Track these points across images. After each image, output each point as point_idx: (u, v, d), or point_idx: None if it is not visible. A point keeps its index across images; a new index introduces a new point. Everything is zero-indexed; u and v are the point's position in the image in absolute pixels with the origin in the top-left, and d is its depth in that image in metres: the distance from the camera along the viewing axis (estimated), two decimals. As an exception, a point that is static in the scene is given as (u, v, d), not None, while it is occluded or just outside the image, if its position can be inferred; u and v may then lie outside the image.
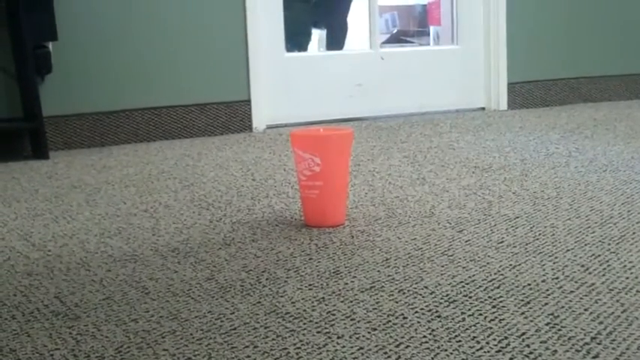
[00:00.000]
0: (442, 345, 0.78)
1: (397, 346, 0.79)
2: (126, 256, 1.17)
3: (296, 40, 4.86)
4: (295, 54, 3.92)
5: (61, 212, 1.52)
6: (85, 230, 1.36)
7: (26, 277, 1.08)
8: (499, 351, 0.76)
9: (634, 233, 1.19)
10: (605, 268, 1.02)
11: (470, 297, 0.92)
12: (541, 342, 0.78)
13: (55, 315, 0.92)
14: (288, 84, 3.01)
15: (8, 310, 0.94)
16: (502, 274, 1.00)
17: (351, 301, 0.92)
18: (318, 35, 5.03)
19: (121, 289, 1.00)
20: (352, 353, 0.77)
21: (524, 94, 3.36)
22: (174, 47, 2.69)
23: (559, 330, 0.81)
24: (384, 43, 5.48)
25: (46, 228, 1.39)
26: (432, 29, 5.34)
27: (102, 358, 0.79)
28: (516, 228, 1.24)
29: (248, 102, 2.82)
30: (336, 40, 4.48)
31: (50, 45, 2.45)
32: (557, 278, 0.98)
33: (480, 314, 0.86)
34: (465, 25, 3.34)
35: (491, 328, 0.82)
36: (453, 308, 0.89)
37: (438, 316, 0.86)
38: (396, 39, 5.81)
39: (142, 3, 2.62)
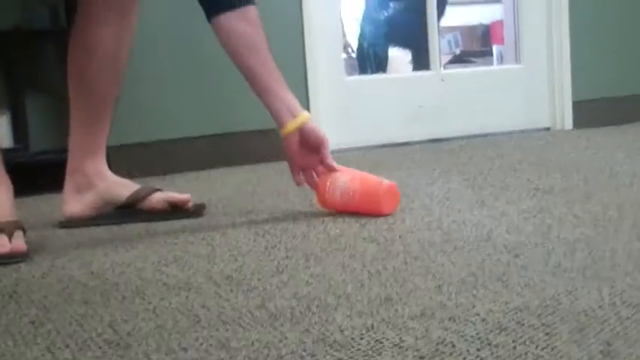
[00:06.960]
0: (490, 374, 0.77)
1: (444, 375, 0.77)
2: (180, 284, 1.18)
3: (370, 61, 4.64)
4: (355, 77, 3.92)
5: (122, 241, 1.54)
6: (143, 258, 1.38)
7: (82, 305, 1.10)
8: (549, 381, 0.74)
9: (699, 256, 1.15)
10: (665, 293, 0.98)
11: (522, 324, 0.90)
12: (594, 371, 0.76)
13: (108, 343, 0.93)
14: (348, 107, 3.01)
15: (62, 339, 0.96)
16: (557, 300, 0.98)
17: (400, 329, 0.91)
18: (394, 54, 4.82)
19: (172, 317, 1.01)
20: (398, 383, 0.76)
21: (590, 112, 3.29)
22: (234, 74, 2.72)
23: (612, 358, 0.78)
24: (447, 63, 5.45)
25: (105, 256, 1.41)
26: (495, 48, 5.30)
27: (149, 388, 0.79)
28: (575, 252, 1.21)
29: (308, 127, 2.83)
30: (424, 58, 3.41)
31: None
32: (614, 304, 0.95)
33: (532, 342, 0.84)
34: (527, 43, 3.29)
35: (542, 356, 0.80)
36: (505, 336, 0.87)
37: (489, 344, 0.84)
38: (460, 59, 5.79)
39: (201, 30, 2.66)
